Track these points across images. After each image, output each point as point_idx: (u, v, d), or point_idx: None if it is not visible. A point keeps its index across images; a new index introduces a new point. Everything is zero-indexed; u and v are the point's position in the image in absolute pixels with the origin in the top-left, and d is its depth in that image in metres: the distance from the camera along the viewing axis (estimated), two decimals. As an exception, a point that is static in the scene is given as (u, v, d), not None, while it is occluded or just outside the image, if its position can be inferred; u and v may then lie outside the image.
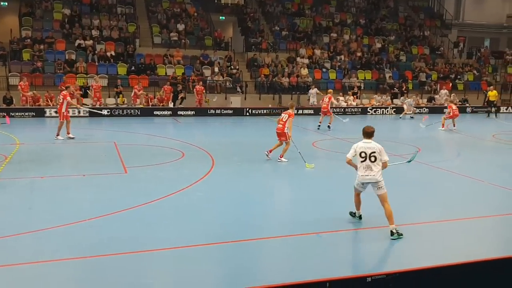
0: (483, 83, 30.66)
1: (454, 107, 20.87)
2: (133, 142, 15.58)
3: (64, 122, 15.43)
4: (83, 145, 14.95)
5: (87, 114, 21.99)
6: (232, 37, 31.75)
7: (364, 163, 7.19)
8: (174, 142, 15.60)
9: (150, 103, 23.83)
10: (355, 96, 27.65)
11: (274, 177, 11.69)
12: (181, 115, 23.61)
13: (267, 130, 19.57)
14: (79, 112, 21.93)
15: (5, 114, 19.97)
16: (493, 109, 27.06)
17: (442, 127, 20.58)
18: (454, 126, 20.61)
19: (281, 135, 12.55)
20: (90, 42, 26.07)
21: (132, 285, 5.61)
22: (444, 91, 29.55)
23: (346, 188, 10.29)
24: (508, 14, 39.04)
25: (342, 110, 26.37)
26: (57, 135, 15.33)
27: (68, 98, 15.43)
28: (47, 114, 21.72)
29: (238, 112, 24.86)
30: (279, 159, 12.46)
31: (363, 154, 7.20)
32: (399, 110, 27.61)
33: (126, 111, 22.80)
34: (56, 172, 11.07)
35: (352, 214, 7.90)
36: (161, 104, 24.08)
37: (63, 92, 15.79)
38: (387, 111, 27.42)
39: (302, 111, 26.08)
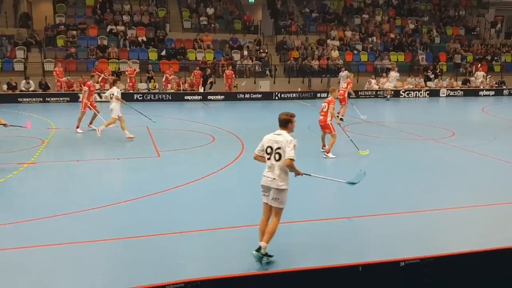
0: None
1: None
2: (165, 127, 15.78)
3: (86, 112, 14.43)
4: (117, 130, 15.24)
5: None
6: (261, 20, 31.51)
7: (268, 161, 5.69)
8: (205, 126, 15.72)
9: (181, 88, 24.02)
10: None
11: (302, 160, 11.62)
12: (211, 99, 23.73)
13: (296, 114, 19.48)
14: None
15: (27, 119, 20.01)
16: None
17: None
18: None
19: (325, 127, 11.24)
20: (121, 28, 26.40)
21: (167, 266, 5.74)
22: (480, 73, 28.63)
23: (378, 174, 10.20)
24: (550, -9, 37.25)
25: (374, 92, 25.94)
26: (77, 127, 14.29)
27: (85, 88, 14.47)
28: (80, 99, 22.16)
29: (267, 96, 24.78)
30: (325, 154, 11.14)
31: (269, 150, 5.68)
32: (432, 93, 26.97)
33: (158, 96, 23.05)
34: (91, 156, 11.39)
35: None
36: (192, 89, 24.25)
37: (88, 82, 14.98)
38: (421, 94, 26.80)
39: (332, 95, 25.73)
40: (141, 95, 22.83)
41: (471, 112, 22.36)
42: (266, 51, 27.69)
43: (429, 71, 28.60)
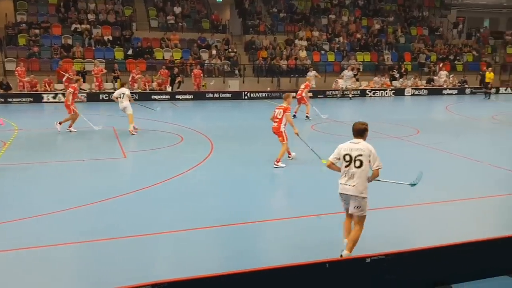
0: (482, 64, 30.52)
1: None
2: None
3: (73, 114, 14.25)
4: (82, 131, 14.90)
5: (85, 100, 21.88)
6: (229, 19, 31.45)
7: (346, 168, 5.64)
8: (173, 126, 15.58)
9: (147, 87, 23.71)
10: (355, 77, 27.51)
11: (269, 160, 11.65)
12: (179, 99, 23.52)
13: (265, 114, 19.55)
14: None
15: None
16: (486, 90, 26.79)
17: None
18: None
19: (278, 134, 10.52)
20: (86, 26, 25.84)
21: (133, 269, 5.65)
22: (443, 72, 29.43)
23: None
24: (508, -7, 38.67)
25: (341, 92, 26.29)
26: (69, 127, 14.22)
27: (70, 89, 14.37)
28: (45, 99, 21.64)
29: (237, 95, 24.77)
30: (275, 164, 10.31)
31: (347, 157, 5.63)
32: (398, 92, 27.55)
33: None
34: (55, 157, 11.08)
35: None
36: (160, 88, 23.97)
37: (72, 85, 14.97)
38: (386, 93, 27.33)
39: (301, 94, 25.95)
40: (107, 95, 22.37)
41: (435, 111, 22.95)
42: (235, 50, 27.66)
43: (394, 70, 29.21)
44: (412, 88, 28.15)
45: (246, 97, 24.86)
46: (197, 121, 18.20)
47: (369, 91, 27.16)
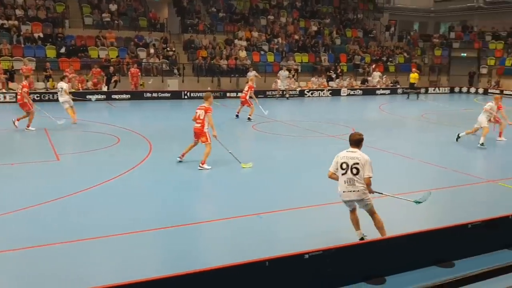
0: (413, 65, 32.09)
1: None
2: (65, 128, 14.91)
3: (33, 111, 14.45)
4: (11, 133, 14.10)
5: (14, 100, 20.73)
6: (167, 18, 30.98)
7: (344, 176, 6.01)
8: (109, 127, 15.10)
9: (82, 87, 22.83)
10: (293, 78, 28.01)
11: (212, 161, 11.61)
12: (115, 99, 22.86)
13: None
14: (4, 97, 20.72)
15: None
16: (410, 90, 28.21)
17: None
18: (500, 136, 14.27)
19: (201, 135, 10.25)
20: (14, 23, 24.45)
21: (69, 276, 5.42)
22: (377, 73, 30.67)
23: (284, 170, 10.49)
24: (435, -2, 40.97)
25: (281, 92, 26.66)
26: (28, 126, 14.15)
27: (25, 89, 14.53)
28: (-31, 99, 20.26)
29: (176, 95, 24.45)
30: (200, 166, 10.11)
31: (344, 165, 6.00)
32: (334, 92, 28.37)
33: (57, 95, 21.66)
34: (-19, 161, 10.39)
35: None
36: (95, 87, 23.16)
37: (23, 83, 14.95)
38: (323, 93, 28.06)
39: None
40: (38, 95, 21.31)
41: (369, 110, 23.85)
42: (174, 49, 27.29)
43: (331, 71, 30.06)
44: (348, 89, 29.10)
45: (186, 97, 24.60)
46: (134, 121, 17.76)
47: (307, 92, 27.76)
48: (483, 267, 3.86)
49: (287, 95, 26.30)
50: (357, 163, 5.94)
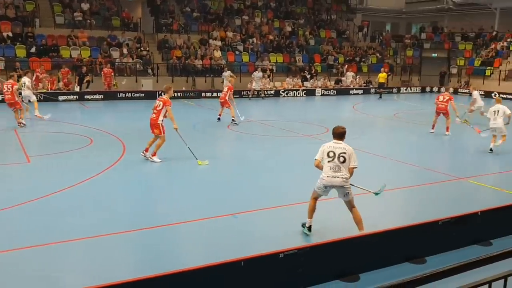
0: (385, 65, 32.60)
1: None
2: (37, 129, 14.59)
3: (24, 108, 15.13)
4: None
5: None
6: (141, 17, 30.63)
7: (331, 163, 6.37)
8: (82, 128, 14.85)
9: (53, 87, 22.37)
10: (269, 78, 28.11)
11: (182, 160, 11.55)
12: (88, 99, 22.49)
13: (181, 114, 19.32)
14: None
15: None
16: (381, 90, 28.67)
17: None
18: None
19: (154, 126, 10.34)
20: (-19, 21, 23.79)
21: (42, 279, 5.31)
22: (350, 73, 31.05)
23: (259, 170, 10.53)
24: (406, 0, 41.66)
25: (256, 92, 26.70)
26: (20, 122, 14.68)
27: (15, 86, 14.89)
28: None
29: (150, 95, 24.14)
30: (150, 157, 10.36)
31: (331, 154, 6.42)
32: (309, 92, 28.59)
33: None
34: None
35: (303, 226, 6.75)
36: (67, 88, 22.74)
37: (10, 81, 15.25)
38: (298, 93, 28.25)
39: (217, 94, 26.02)
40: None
41: (343, 110, 24.12)
42: (147, 49, 27.02)
43: (305, 71, 30.28)
44: (322, 89, 29.37)
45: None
46: (108, 122, 17.51)
47: (282, 92, 27.89)
48: (454, 262, 3.97)
49: (263, 95, 26.37)
50: (344, 153, 6.37)
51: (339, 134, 6.62)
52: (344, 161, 6.35)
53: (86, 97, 22.55)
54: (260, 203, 8.00)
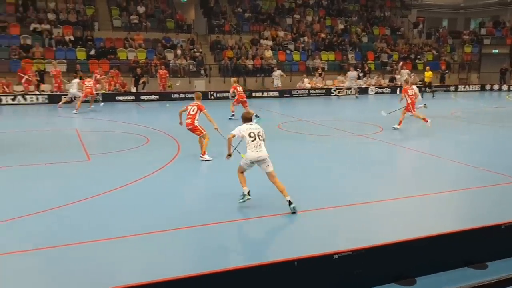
0: (442, 63, 31.46)
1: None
2: (96, 129, 15.23)
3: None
4: (44, 133, 14.51)
5: (46, 101, 21.38)
6: (194, 19, 31.27)
7: (254, 142, 7.54)
8: (138, 127, 15.35)
9: (111, 89, 23.26)
10: (321, 77, 27.91)
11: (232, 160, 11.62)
12: (144, 100, 23.21)
13: (230, 114, 19.52)
14: (37, 99, 21.34)
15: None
16: (428, 89, 27.56)
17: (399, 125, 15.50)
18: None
19: (193, 129, 10.92)
20: (46, 26, 25.13)
21: (100, 273, 5.54)
22: (405, 71, 30.18)
23: (312, 170, 10.46)
24: (464, -6, 40.05)
25: (307, 91, 26.55)
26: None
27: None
28: (4, 101, 20.94)
29: (203, 95, 24.48)
30: (201, 156, 10.84)
31: (252, 134, 7.57)
32: (362, 90, 28.05)
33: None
34: (16, 161, 10.72)
35: (243, 197, 7.65)
36: (124, 89, 23.57)
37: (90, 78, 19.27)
38: (351, 91, 27.79)
39: (267, 94, 26.13)
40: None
41: (398, 109, 23.42)
42: (200, 50, 27.53)
43: (358, 69, 29.75)
44: (376, 87, 28.73)
45: (212, 97, 24.77)
46: (163, 122, 17.98)
47: (333, 90, 27.55)
48: (518, 269, 3.77)
49: (357, 95, 26.32)
50: (260, 132, 7.66)
51: (249, 118, 7.94)
52: (262, 139, 7.61)
53: (142, 97, 23.27)
54: (312, 204, 7.93)
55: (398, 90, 28.85)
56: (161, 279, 4.35)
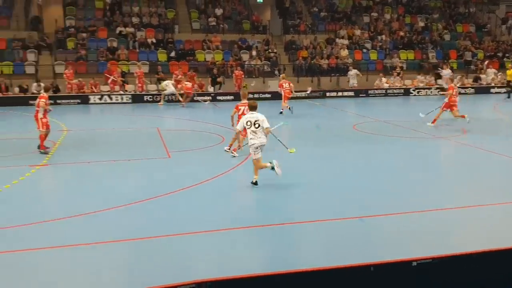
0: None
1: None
2: (175, 127, 15.84)
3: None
4: (127, 131, 15.36)
5: (130, 101, 22.60)
6: (269, 20, 31.52)
7: (250, 129, 8.70)
8: (214, 127, 15.76)
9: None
10: (399, 76, 27.01)
11: (312, 159, 11.57)
12: (220, 100, 23.77)
13: (306, 113, 19.48)
14: (122, 98, 22.59)
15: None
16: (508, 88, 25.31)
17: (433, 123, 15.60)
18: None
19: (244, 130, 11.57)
20: (131, 29, 26.55)
21: (179, 267, 5.77)
22: (491, 70, 28.36)
23: (389, 172, 10.15)
24: (561, -14, 36.76)
25: (384, 91, 25.81)
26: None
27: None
28: (92, 101, 22.40)
29: (277, 96, 24.69)
30: (227, 149, 11.55)
31: (248, 123, 8.72)
32: (443, 90, 26.72)
33: (167, 97, 23.14)
34: (102, 157, 11.44)
35: (255, 183, 8.73)
36: (201, 89, 24.30)
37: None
38: (431, 91, 26.60)
39: (342, 94, 25.73)
40: (151, 96, 22.97)
41: (482, 110, 22.12)
42: (275, 51, 27.70)
43: (439, 68, 28.40)
44: (458, 87, 27.22)
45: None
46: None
47: (413, 90, 26.54)
48: None
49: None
50: (257, 120, 8.70)
51: (254, 107, 9.01)
52: (258, 126, 8.65)
53: (218, 98, 23.86)
54: (390, 208, 7.71)
55: (483, 90, 27.22)
56: (236, 276, 4.44)
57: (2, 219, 7.22)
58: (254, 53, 26.93)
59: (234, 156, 11.23)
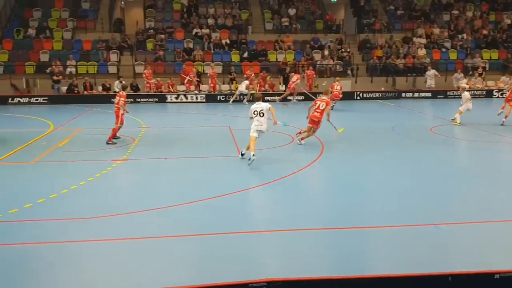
0: None
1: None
2: (246, 127, 16.01)
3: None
4: (201, 129, 15.80)
5: (204, 100, 23.25)
6: (343, 19, 31.03)
7: (256, 117, 10.61)
8: (283, 126, 15.74)
9: (261, 89, 24.27)
10: (481, 77, 25.52)
11: (382, 163, 11.25)
12: (290, 100, 23.76)
13: (378, 114, 18.98)
14: (196, 98, 23.30)
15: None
16: None
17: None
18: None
19: (317, 123, 12.49)
20: (206, 31, 27.29)
21: (248, 264, 5.85)
22: None
23: (466, 179, 9.62)
24: None
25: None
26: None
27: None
28: (169, 100, 23.31)
29: (348, 96, 24.23)
30: (299, 139, 12.73)
31: (255, 112, 10.63)
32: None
33: (238, 96, 23.52)
34: (178, 154, 11.88)
35: (249, 159, 10.18)
36: (272, 89, 24.44)
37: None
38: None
39: (419, 95, 24.78)
40: (223, 96, 23.47)
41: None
42: (348, 50, 27.22)
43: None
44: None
45: (358, 98, 24.33)
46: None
47: (496, 92, 24.96)
48: None
49: None
50: (262, 109, 10.55)
51: (259, 98, 10.99)
52: (262, 116, 10.56)
53: (288, 98, 23.84)
54: (467, 215, 7.31)
55: None
56: (307, 277, 4.43)
57: (85, 210, 7.72)
58: (326, 52, 26.64)
59: (300, 144, 12.54)
